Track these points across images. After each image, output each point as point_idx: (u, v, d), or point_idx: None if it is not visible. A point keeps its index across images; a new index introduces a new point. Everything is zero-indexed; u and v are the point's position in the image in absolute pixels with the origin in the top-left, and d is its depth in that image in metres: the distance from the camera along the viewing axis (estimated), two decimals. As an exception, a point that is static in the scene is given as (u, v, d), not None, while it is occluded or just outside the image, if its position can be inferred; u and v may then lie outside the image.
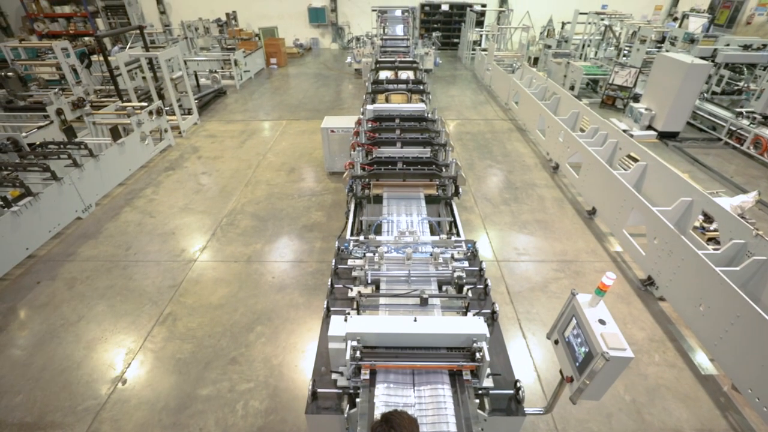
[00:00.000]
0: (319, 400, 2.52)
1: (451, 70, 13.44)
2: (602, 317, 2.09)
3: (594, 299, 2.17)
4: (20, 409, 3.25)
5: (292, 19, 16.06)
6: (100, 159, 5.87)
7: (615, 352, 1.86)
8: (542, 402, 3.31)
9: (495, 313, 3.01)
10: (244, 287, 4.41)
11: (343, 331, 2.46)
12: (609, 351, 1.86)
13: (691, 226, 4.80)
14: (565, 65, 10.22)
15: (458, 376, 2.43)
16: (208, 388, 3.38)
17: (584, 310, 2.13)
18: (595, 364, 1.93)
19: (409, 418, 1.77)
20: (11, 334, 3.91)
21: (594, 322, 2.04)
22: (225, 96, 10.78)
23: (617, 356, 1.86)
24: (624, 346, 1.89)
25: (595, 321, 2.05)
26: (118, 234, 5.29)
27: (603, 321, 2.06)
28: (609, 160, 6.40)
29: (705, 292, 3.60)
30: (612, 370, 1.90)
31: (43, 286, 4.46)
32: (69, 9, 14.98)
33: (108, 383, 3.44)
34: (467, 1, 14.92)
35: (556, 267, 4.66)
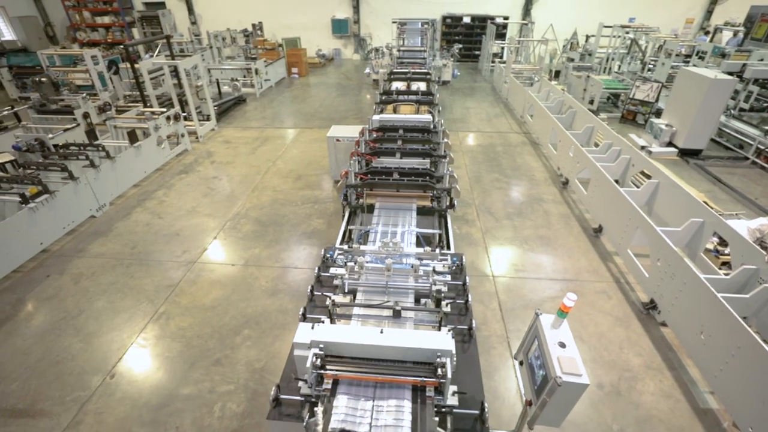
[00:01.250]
0: (283, 406, 2.53)
1: (470, 82, 13.40)
2: (563, 340, 2.00)
3: (557, 321, 2.10)
4: (14, 396, 3.40)
5: (316, 30, 16.46)
6: (116, 161, 6.16)
7: (568, 378, 1.78)
8: (522, 425, 3.19)
9: (471, 329, 2.95)
10: (237, 290, 4.49)
11: (308, 339, 2.46)
12: (562, 376, 1.78)
13: (702, 249, 4.56)
14: (585, 79, 10.00)
15: (421, 392, 2.39)
16: (190, 388, 3.44)
17: (546, 332, 2.06)
18: (549, 388, 1.84)
19: None
20: (17, 323, 4.12)
21: (553, 345, 1.96)
22: (245, 103, 11.12)
23: (570, 382, 1.77)
24: (579, 371, 1.81)
25: (555, 343, 1.97)
26: (127, 233, 5.51)
27: (563, 344, 1.98)
28: (621, 177, 6.20)
29: (706, 319, 3.40)
30: (566, 396, 1.81)
31: (51, 280, 4.68)
32: (108, 19, 15.92)
33: (98, 376, 3.56)
34: (489, 13, 14.88)
35: (554, 286, 4.52)
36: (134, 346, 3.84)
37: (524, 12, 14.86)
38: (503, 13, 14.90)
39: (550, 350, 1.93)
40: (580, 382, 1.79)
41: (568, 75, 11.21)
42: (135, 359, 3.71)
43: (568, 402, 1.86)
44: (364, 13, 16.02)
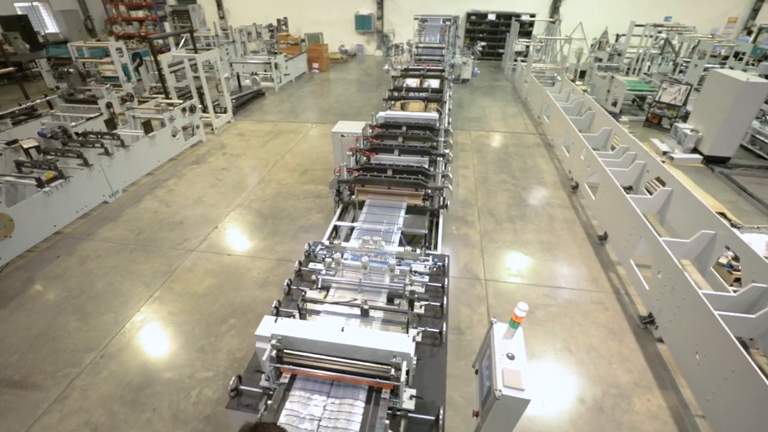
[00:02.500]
0: (244, 397, 2.56)
1: (490, 80, 13.12)
2: (514, 351, 1.92)
3: (509, 331, 2.01)
4: (12, 368, 3.60)
5: (340, 26, 16.53)
6: (130, 149, 6.41)
7: (508, 391, 1.70)
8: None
9: (442, 333, 2.89)
10: (229, 280, 4.58)
11: (269, 332, 2.47)
12: (502, 389, 1.70)
13: (712, 263, 4.30)
14: (609, 79, 9.58)
15: (376, 393, 2.35)
16: (172, 372, 3.54)
17: (497, 342, 1.97)
18: (489, 401, 1.77)
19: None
20: (24, 300, 4.36)
21: (501, 356, 1.88)
22: (263, 97, 11.31)
23: (509, 396, 1.69)
24: (521, 386, 1.72)
25: (503, 354, 1.89)
26: (135, 219, 5.72)
27: (512, 356, 1.89)
28: (635, 184, 5.93)
29: (702, 337, 3.20)
30: (506, 410, 1.73)
31: (60, 261, 4.93)
32: (142, 13, 16.55)
33: (89, 355, 3.72)
34: (515, 11, 14.50)
35: (548, 293, 4.37)
36: (126, 328, 3.99)
37: (552, 9, 14.39)
38: (530, 11, 14.49)
39: (496, 361, 1.86)
40: (521, 397, 1.70)
41: (593, 75, 10.78)
42: (125, 341, 3.86)
43: (510, 417, 1.78)
44: (388, 9, 15.95)
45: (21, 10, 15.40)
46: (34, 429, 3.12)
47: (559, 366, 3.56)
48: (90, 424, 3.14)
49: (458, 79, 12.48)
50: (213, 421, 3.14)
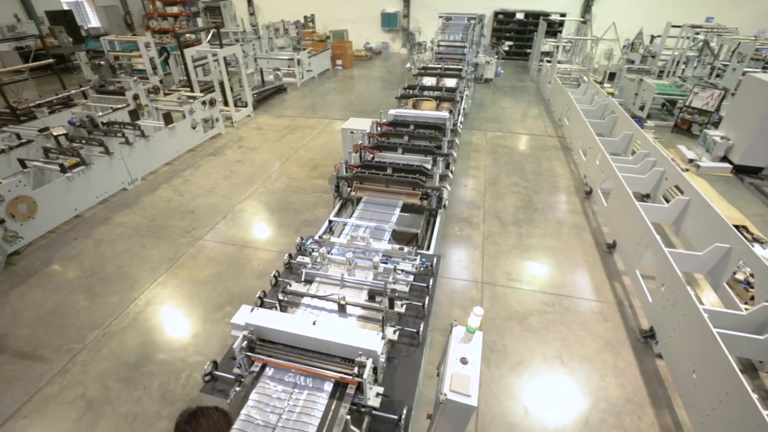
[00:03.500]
0: (219, 382, 2.63)
1: (514, 81, 12.82)
2: (469, 356, 1.88)
3: (466, 335, 1.97)
4: (23, 340, 3.85)
5: (366, 23, 16.58)
6: (150, 140, 6.68)
7: (454, 396, 1.67)
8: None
9: (419, 333, 2.86)
10: (230, 269, 4.71)
11: (243, 321, 2.53)
12: (447, 393, 1.67)
13: (726, 278, 4.07)
14: (638, 82, 9.16)
15: (342, 388, 2.37)
16: (165, 354, 3.69)
17: (453, 345, 1.94)
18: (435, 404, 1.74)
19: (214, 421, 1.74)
20: (41, 278, 4.64)
21: (454, 360, 1.85)
22: (285, 92, 11.51)
23: (455, 401, 1.66)
24: (468, 392, 1.69)
25: (456, 359, 1.85)
26: (149, 207, 5.97)
27: (465, 360, 1.85)
28: (653, 191, 5.68)
29: (699, 356, 3.03)
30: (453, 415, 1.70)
31: (77, 242, 5.21)
32: (177, 9, 17.17)
33: (93, 332, 3.92)
34: (545, 10, 14.09)
35: (546, 300, 4.24)
36: (129, 310, 4.18)
37: (584, 9, 13.89)
38: (561, 10, 14.04)
39: (448, 365, 1.83)
40: (466, 403, 1.67)
41: (621, 78, 10.34)
42: (127, 321, 4.04)
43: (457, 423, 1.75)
44: (414, 6, 15.87)
45: (67, 6, 16.32)
46: (36, 398, 3.32)
47: (548, 375, 3.46)
48: (85, 398, 3.31)
49: (481, 78, 12.28)
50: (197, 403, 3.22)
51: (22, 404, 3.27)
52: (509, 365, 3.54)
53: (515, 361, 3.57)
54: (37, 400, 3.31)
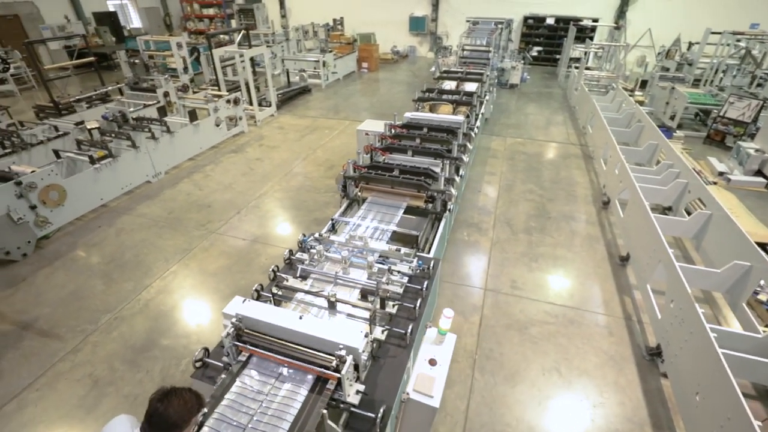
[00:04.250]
0: (209, 369, 2.72)
1: (541, 87, 12.55)
2: (439, 358, 1.87)
3: (438, 337, 1.96)
4: (43, 319, 4.11)
5: (394, 27, 16.67)
6: (174, 135, 6.98)
7: (416, 396, 1.66)
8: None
9: (407, 335, 2.86)
10: (239, 263, 4.85)
11: (234, 311, 2.62)
12: (410, 393, 1.67)
13: (745, 298, 3.86)
14: (669, 91, 8.79)
15: (323, 383, 2.40)
16: (169, 340, 3.84)
17: (424, 346, 1.93)
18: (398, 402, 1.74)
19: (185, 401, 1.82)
20: (65, 261, 4.93)
21: (422, 360, 1.84)
22: (309, 93, 11.74)
23: (416, 401, 1.66)
24: (431, 393, 1.68)
25: (425, 359, 1.85)
26: (170, 199, 6.23)
27: (434, 361, 1.85)
28: (675, 204, 5.44)
29: (704, 377, 2.89)
30: (415, 414, 1.69)
31: (101, 230, 5.50)
32: (213, 11, 17.84)
33: (106, 315, 4.14)
34: (577, 15, 13.73)
35: (549, 310, 4.14)
36: (141, 296, 4.38)
37: (618, 14, 13.44)
38: (594, 15, 13.64)
39: (416, 365, 1.82)
40: (428, 403, 1.67)
41: (653, 86, 9.94)
42: (138, 307, 4.24)
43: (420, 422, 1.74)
44: (442, 10, 15.83)
45: (112, 7, 17.27)
46: (49, 373, 3.54)
47: (544, 387, 3.37)
48: (93, 376, 3.50)
49: (506, 84, 12.10)
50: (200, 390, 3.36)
51: (36, 378, 3.49)
52: (504, 374, 3.48)
53: (511, 371, 3.50)
54: (50, 375, 3.53)
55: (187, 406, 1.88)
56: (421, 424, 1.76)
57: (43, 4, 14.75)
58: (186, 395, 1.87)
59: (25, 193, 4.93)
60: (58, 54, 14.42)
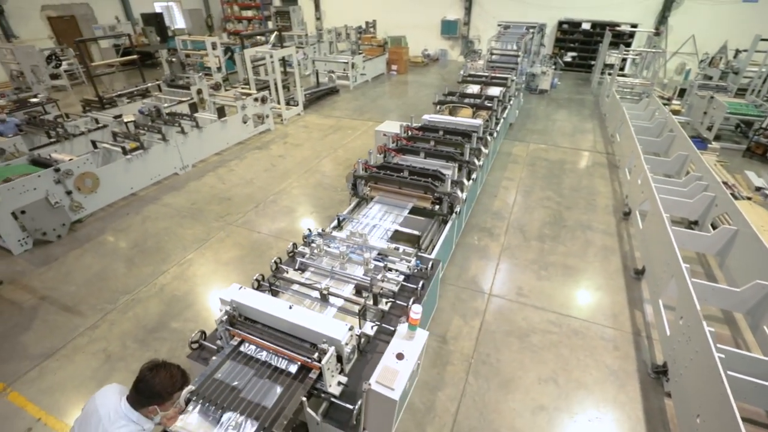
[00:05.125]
0: (205, 351, 2.87)
1: (572, 93, 12.20)
2: (407, 353, 1.89)
3: (409, 333, 1.98)
4: (68, 296, 4.42)
5: (425, 30, 16.69)
6: (203, 131, 7.31)
7: (378, 387, 1.69)
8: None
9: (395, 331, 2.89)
10: (251, 254, 5.03)
11: (230, 297, 2.75)
12: (372, 383, 1.70)
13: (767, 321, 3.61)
14: (708, 100, 8.33)
15: (306, 371, 2.48)
16: (179, 323, 4.04)
17: (395, 341, 1.96)
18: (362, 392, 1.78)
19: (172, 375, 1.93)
20: (94, 244, 5.29)
21: (390, 353, 1.87)
22: (337, 94, 11.95)
23: (377, 392, 1.68)
24: (393, 386, 1.71)
25: (393, 353, 1.87)
26: (194, 191, 6.53)
27: (402, 356, 1.87)
28: (701, 218, 5.17)
29: (705, 399, 2.75)
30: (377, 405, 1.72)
31: (128, 217, 5.85)
32: (251, 13, 18.50)
33: (125, 296, 4.41)
34: (614, 20, 13.25)
35: (553, 319, 4.04)
36: (157, 280, 4.63)
37: (659, 20, 12.85)
38: (632, 21, 13.12)
39: (384, 358, 1.85)
40: (388, 395, 1.69)
41: (691, 94, 9.45)
42: (154, 290, 4.48)
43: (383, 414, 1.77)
44: (475, 14, 15.70)
45: (159, 8, 18.26)
46: (69, 346, 3.81)
47: (538, 397, 3.30)
48: (106, 352, 3.74)
49: (535, 89, 11.85)
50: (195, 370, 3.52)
51: (56, 349, 3.78)
52: (499, 380, 3.43)
53: (506, 378, 3.45)
54: (69, 347, 3.80)
55: (173, 380, 2.01)
56: (384, 416, 1.80)
57: (97, 5, 15.82)
58: (174, 370, 2.00)
59: (63, 180, 5.33)
60: (107, 52, 15.41)
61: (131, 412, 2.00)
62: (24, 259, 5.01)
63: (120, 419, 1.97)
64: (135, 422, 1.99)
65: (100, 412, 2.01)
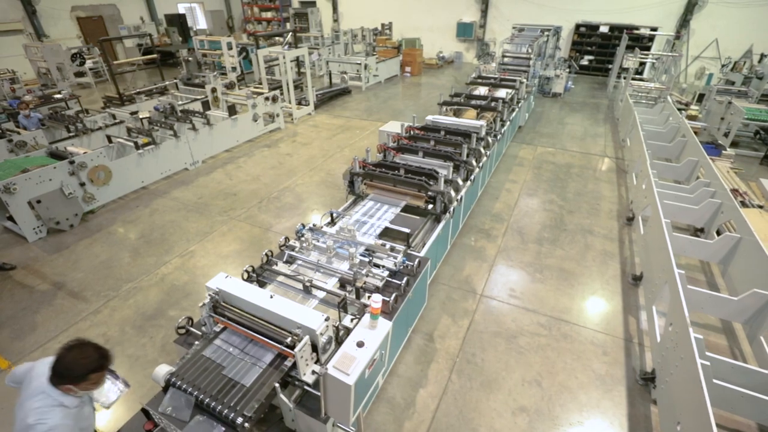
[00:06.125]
0: (191, 336, 2.97)
1: (586, 97, 12.00)
2: (368, 341, 1.93)
3: (371, 322, 2.02)
4: (75, 282, 4.63)
5: (441, 32, 16.70)
6: (213, 128, 7.52)
7: (334, 372, 1.74)
8: None
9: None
10: (250, 248, 5.16)
11: (215, 285, 2.85)
12: (328, 367, 1.75)
13: (764, 331, 3.52)
14: (726, 105, 8.08)
15: (282, 359, 2.56)
16: (176, 312, 4.18)
17: (358, 329, 2.00)
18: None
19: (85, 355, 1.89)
20: (103, 234, 5.51)
21: (351, 341, 1.91)
22: (349, 95, 12.08)
23: (332, 376, 1.73)
24: (348, 372, 1.75)
25: (354, 340, 1.92)
26: (202, 186, 6.73)
27: (362, 343, 1.91)
28: (707, 225, 5.04)
29: (687, 406, 2.69)
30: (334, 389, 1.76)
31: (137, 209, 6.07)
32: (270, 14, 18.86)
33: (127, 284, 4.59)
34: (633, 23, 12.97)
35: (544, 322, 4.01)
36: (159, 270, 4.80)
37: (680, 23, 12.52)
38: (652, 24, 12.81)
39: (344, 344, 1.90)
40: (343, 380, 1.74)
41: (709, 99, 9.17)
42: (155, 280, 4.65)
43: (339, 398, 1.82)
44: (491, 17, 15.62)
45: (183, 9, 18.81)
46: (71, 329, 4.00)
47: (520, 398, 3.29)
48: (105, 336, 3.91)
49: (548, 92, 11.71)
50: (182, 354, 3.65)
51: (60, 332, 3.97)
52: (482, 380, 3.43)
53: (489, 378, 3.45)
54: (72, 330, 3.98)
55: (85, 360, 1.95)
56: (341, 401, 1.85)
57: (123, 6, 16.42)
58: (88, 350, 1.96)
59: (77, 172, 5.58)
60: (131, 51, 15.97)
61: (51, 389, 1.96)
62: (38, 247, 5.27)
63: (39, 393, 1.96)
64: (53, 397, 1.96)
65: (33, 383, 2.01)
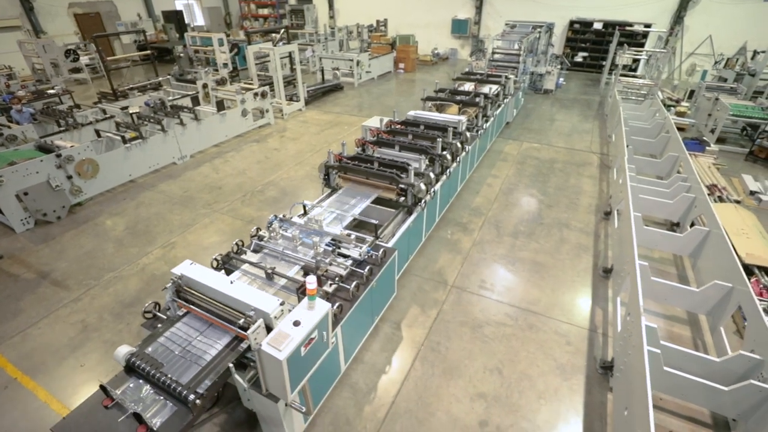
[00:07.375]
0: (158, 320, 3.07)
1: (578, 93, 12.01)
2: (305, 320, 2.02)
3: (310, 303, 2.11)
4: (59, 271, 4.75)
5: (436, 29, 16.72)
6: (201, 123, 7.62)
7: (266, 348, 1.83)
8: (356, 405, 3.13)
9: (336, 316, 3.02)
10: (229, 241, 5.23)
11: (179, 272, 2.95)
12: (261, 344, 1.84)
13: (724, 321, 3.62)
14: (713, 102, 8.09)
15: (238, 342, 2.65)
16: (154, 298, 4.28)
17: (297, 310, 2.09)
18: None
19: None
20: (90, 226, 5.63)
21: (288, 320, 2.00)
22: (340, 91, 12.15)
23: (265, 351, 1.82)
24: (281, 348, 1.84)
25: (291, 320, 2.01)
26: (188, 180, 6.84)
27: (298, 323, 2.00)
28: (682, 219, 5.10)
29: (632, 394, 2.77)
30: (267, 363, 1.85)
31: (124, 202, 6.19)
32: (267, 11, 18.92)
33: (109, 274, 4.70)
34: (627, 20, 12.94)
35: (511, 312, 4.09)
36: (141, 261, 4.91)
37: (674, 20, 12.49)
38: (646, 20, 12.79)
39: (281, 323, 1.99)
40: (274, 355, 1.83)
41: (699, 96, 9.18)
42: (136, 269, 4.76)
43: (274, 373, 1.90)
44: (486, 13, 15.62)
45: (180, 6, 18.90)
46: (51, 316, 4.12)
47: (480, 385, 3.37)
48: (84, 322, 4.02)
49: (540, 89, 11.74)
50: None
51: (41, 318, 4.09)
52: (444, 367, 3.52)
53: (451, 365, 3.54)
54: (52, 317, 4.10)
55: None
56: (276, 376, 1.94)
57: (120, 2, 16.53)
58: None
59: (64, 165, 5.69)
60: (128, 47, 16.09)
61: None
62: (25, 237, 5.39)
63: None
64: None
65: None
